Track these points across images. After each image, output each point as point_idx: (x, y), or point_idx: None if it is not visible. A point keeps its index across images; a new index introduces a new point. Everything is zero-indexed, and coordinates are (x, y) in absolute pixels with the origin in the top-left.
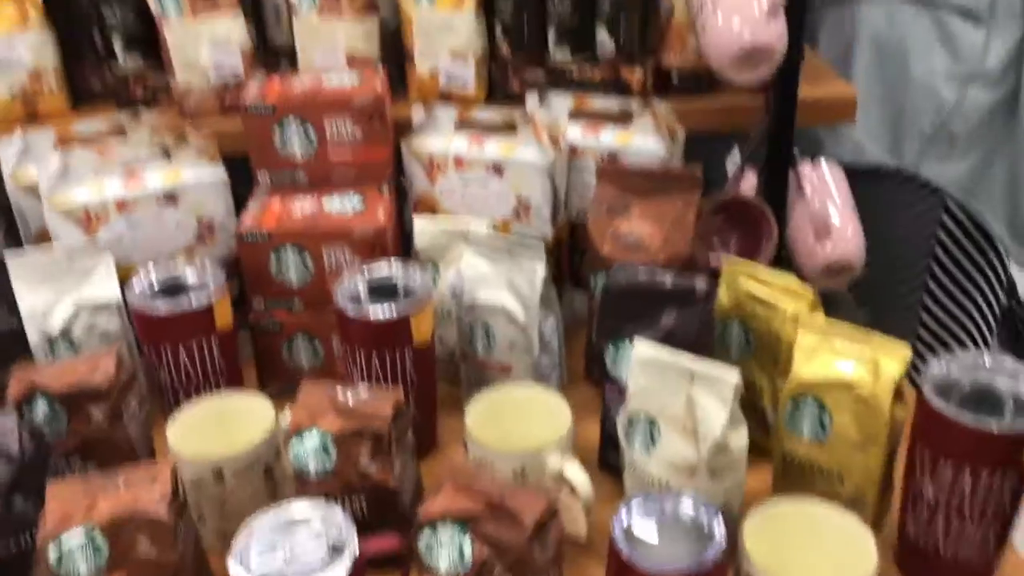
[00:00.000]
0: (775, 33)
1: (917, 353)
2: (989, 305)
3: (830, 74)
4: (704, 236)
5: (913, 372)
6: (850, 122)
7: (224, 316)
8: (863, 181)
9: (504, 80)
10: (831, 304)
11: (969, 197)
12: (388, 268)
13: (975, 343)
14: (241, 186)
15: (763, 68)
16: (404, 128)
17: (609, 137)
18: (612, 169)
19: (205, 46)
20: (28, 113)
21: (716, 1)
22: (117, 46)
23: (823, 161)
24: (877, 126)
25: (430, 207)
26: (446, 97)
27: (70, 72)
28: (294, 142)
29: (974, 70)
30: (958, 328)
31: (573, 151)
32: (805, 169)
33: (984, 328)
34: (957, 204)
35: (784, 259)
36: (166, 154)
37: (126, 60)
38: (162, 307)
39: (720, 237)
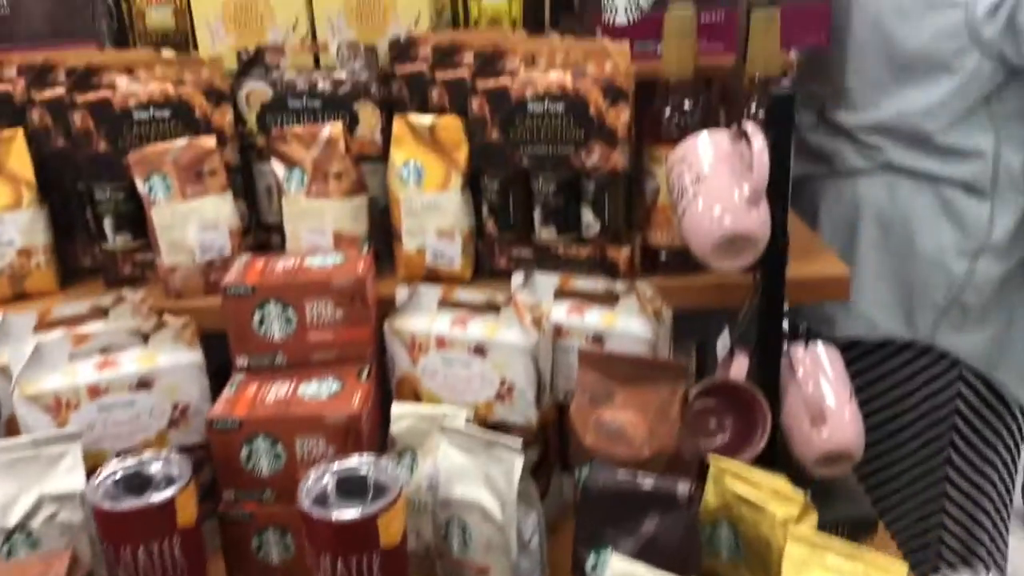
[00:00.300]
0: (757, 220)
1: (945, 529)
2: (1009, 472)
3: (823, 251)
4: (698, 418)
5: (946, 541)
6: (844, 300)
7: (187, 512)
8: (877, 355)
9: (491, 257)
10: (833, 493)
11: (988, 366)
12: (358, 462)
13: (999, 512)
14: (226, 362)
15: (746, 256)
16: (390, 306)
17: (594, 318)
18: (594, 355)
19: (192, 226)
20: (15, 292)
21: (696, 187)
22: (107, 225)
23: (819, 343)
24: (888, 300)
25: (412, 388)
26: (433, 274)
27: (60, 250)
28: (273, 325)
29: (982, 243)
30: (983, 497)
31: (558, 331)
32: (798, 352)
33: (1005, 495)
34: (974, 373)
35: (781, 445)
36: (143, 338)
37: (115, 239)
38: (120, 504)
39: (717, 419)
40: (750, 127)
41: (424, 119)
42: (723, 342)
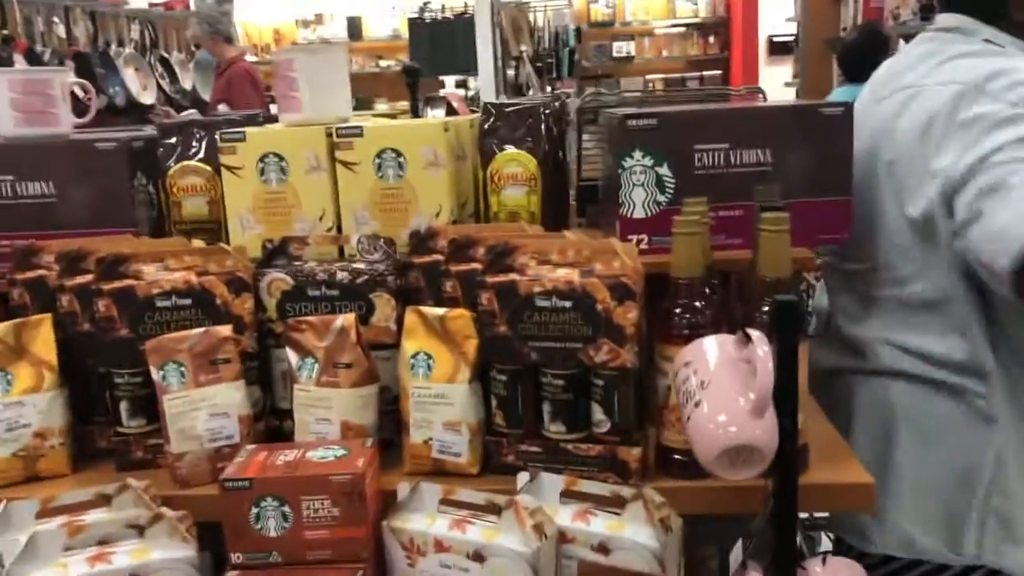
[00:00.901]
0: (763, 431)
1: None
2: None
3: (847, 455)
4: None
5: None
6: (868, 511)
7: None
8: (914, 574)
9: (499, 451)
10: None
11: None
12: None
13: None
14: None
15: (753, 466)
16: (393, 499)
17: (600, 524)
18: (595, 570)
19: (203, 414)
20: (27, 473)
21: (702, 394)
22: (123, 409)
23: (839, 558)
24: (925, 515)
25: None
26: (439, 467)
27: (78, 431)
28: (270, 521)
29: None
30: None
31: (563, 537)
32: (815, 567)
33: None
34: None
35: None
36: (139, 531)
37: (130, 423)
38: None
39: None
40: (755, 334)
41: (435, 311)
42: (736, 555)
